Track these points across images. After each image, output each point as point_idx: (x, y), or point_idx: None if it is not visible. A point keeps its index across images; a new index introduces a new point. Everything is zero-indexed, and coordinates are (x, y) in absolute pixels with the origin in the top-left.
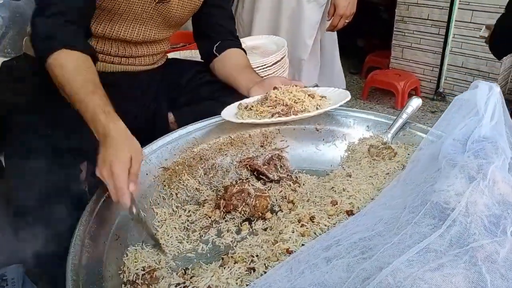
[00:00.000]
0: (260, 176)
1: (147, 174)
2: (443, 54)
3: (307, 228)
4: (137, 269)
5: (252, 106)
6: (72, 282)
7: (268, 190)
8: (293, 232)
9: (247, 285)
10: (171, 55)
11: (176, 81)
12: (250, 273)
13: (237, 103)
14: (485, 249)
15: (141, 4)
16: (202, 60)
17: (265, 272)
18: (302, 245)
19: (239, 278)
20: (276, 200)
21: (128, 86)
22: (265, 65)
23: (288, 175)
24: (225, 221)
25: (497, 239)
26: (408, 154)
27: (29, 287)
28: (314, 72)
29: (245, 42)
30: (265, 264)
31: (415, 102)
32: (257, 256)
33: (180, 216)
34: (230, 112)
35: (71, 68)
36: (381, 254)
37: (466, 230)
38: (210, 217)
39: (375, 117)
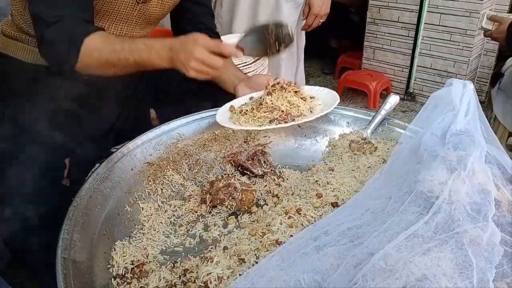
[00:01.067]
0: (245, 171)
1: (132, 169)
2: (413, 56)
3: (294, 219)
4: (126, 263)
5: (247, 111)
6: (62, 275)
7: (253, 184)
8: (281, 224)
9: (240, 275)
10: None
11: (157, 77)
12: (241, 264)
13: (228, 105)
14: (469, 234)
15: (123, 5)
16: None
17: (256, 263)
18: (291, 236)
19: (229, 269)
20: (261, 194)
21: (109, 82)
22: (245, 62)
23: (272, 170)
24: (212, 215)
25: (480, 224)
26: (388, 149)
27: (4, 287)
28: (291, 70)
29: (225, 40)
30: (255, 255)
31: (393, 99)
32: (246, 248)
33: (166, 211)
34: (224, 117)
35: (109, 39)
36: (371, 241)
37: (450, 216)
38: (196, 212)
39: (355, 113)
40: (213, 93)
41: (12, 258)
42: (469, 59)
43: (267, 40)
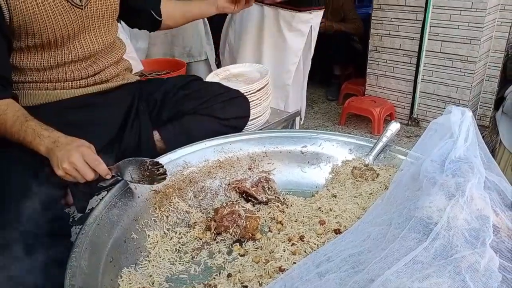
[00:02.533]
0: (249, 198)
1: (138, 197)
2: (415, 82)
3: (297, 246)
4: None
5: None
6: None
7: (258, 211)
8: (284, 251)
9: None
10: None
11: (152, 98)
12: None
13: None
14: (467, 260)
15: (57, 13)
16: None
17: None
18: (294, 263)
19: None
20: (265, 221)
21: (106, 106)
22: (249, 91)
23: (276, 196)
24: (216, 242)
25: (478, 250)
26: (390, 175)
27: None
28: (299, 95)
29: (230, 69)
30: (259, 282)
31: (394, 126)
32: (250, 275)
33: (171, 238)
34: None
35: (7, 111)
36: (371, 267)
37: (449, 242)
38: (201, 239)
39: (357, 140)
40: (213, 110)
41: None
42: (471, 85)
43: (142, 173)
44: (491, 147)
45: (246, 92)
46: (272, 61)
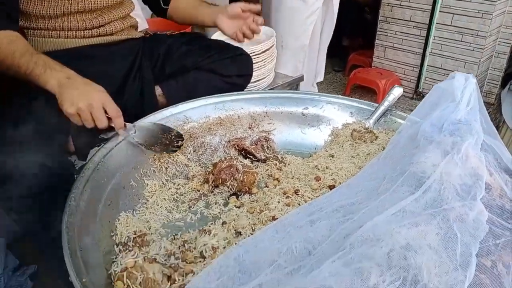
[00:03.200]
0: (248, 155)
1: (138, 146)
2: (423, 55)
3: (292, 199)
4: (128, 233)
5: None
6: (67, 238)
7: (255, 168)
8: (278, 203)
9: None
10: None
11: (155, 52)
12: (237, 236)
13: None
14: (456, 211)
15: None
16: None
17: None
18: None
19: (226, 239)
20: (263, 177)
21: (110, 59)
22: (254, 52)
23: (274, 155)
24: (213, 194)
25: (467, 203)
26: (389, 138)
27: (11, 259)
28: (317, 59)
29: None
30: (252, 228)
31: (397, 91)
32: (244, 223)
33: (169, 188)
34: None
35: (16, 42)
36: (361, 216)
37: (439, 195)
38: (198, 191)
39: (359, 104)
40: (215, 66)
41: (20, 232)
42: (479, 60)
43: (161, 140)
44: (494, 125)
45: (251, 53)
46: (290, 19)
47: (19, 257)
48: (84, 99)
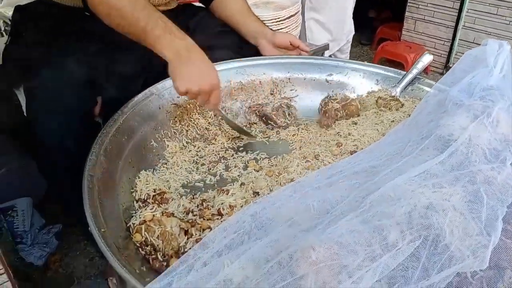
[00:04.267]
0: (269, 121)
1: (160, 108)
2: (456, 29)
3: (311, 163)
4: (148, 190)
5: None
6: (87, 190)
7: (277, 134)
8: (297, 166)
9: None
10: None
11: (185, 25)
12: (255, 196)
13: None
14: (483, 173)
15: None
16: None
17: None
18: None
19: (244, 199)
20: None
21: None
22: (278, 18)
23: (295, 122)
24: (233, 158)
25: (495, 166)
26: (415, 106)
27: (37, 218)
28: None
29: None
30: (270, 189)
31: (427, 58)
32: (262, 184)
33: (190, 150)
34: None
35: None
36: (382, 177)
37: (467, 158)
38: (218, 154)
39: (385, 71)
40: (242, 46)
41: (48, 191)
42: None
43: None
44: None
45: (275, 19)
46: None
47: (45, 216)
48: (196, 84)
